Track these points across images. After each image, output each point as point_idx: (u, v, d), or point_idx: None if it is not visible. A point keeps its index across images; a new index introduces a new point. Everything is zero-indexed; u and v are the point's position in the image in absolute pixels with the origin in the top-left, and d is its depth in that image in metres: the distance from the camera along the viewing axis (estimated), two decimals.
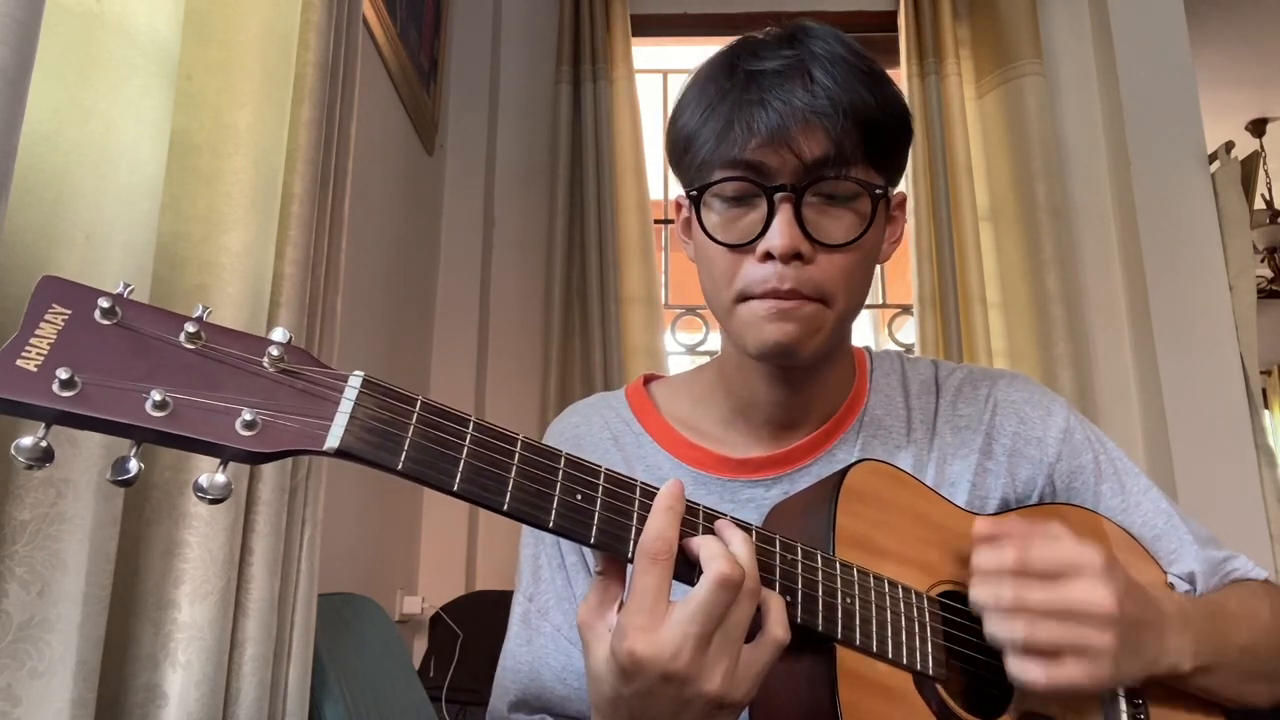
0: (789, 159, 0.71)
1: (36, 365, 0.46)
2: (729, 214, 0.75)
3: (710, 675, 0.56)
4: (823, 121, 0.71)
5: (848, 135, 0.72)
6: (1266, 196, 4.22)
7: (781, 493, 0.81)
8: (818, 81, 0.72)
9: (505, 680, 0.83)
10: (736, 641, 0.58)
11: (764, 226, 0.72)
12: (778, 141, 0.71)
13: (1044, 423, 0.86)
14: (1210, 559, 0.83)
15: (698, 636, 0.55)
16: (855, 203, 0.74)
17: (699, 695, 0.56)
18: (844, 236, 0.73)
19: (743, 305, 0.75)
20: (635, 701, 0.57)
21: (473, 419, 0.56)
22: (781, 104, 0.71)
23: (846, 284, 0.75)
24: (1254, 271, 2.52)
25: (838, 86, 0.72)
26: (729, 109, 0.73)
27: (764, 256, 0.72)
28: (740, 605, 0.57)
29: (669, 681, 0.56)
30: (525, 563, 0.87)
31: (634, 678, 0.56)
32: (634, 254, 2.49)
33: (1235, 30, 3.43)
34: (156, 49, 0.84)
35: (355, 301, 1.75)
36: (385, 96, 2.05)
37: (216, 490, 0.49)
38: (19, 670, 0.68)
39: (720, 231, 0.75)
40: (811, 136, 0.71)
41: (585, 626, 0.60)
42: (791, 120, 0.71)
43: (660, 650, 0.55)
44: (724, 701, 0.57)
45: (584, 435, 0.88)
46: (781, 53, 0.74)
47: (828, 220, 0.73)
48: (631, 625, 0.56)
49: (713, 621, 0.56)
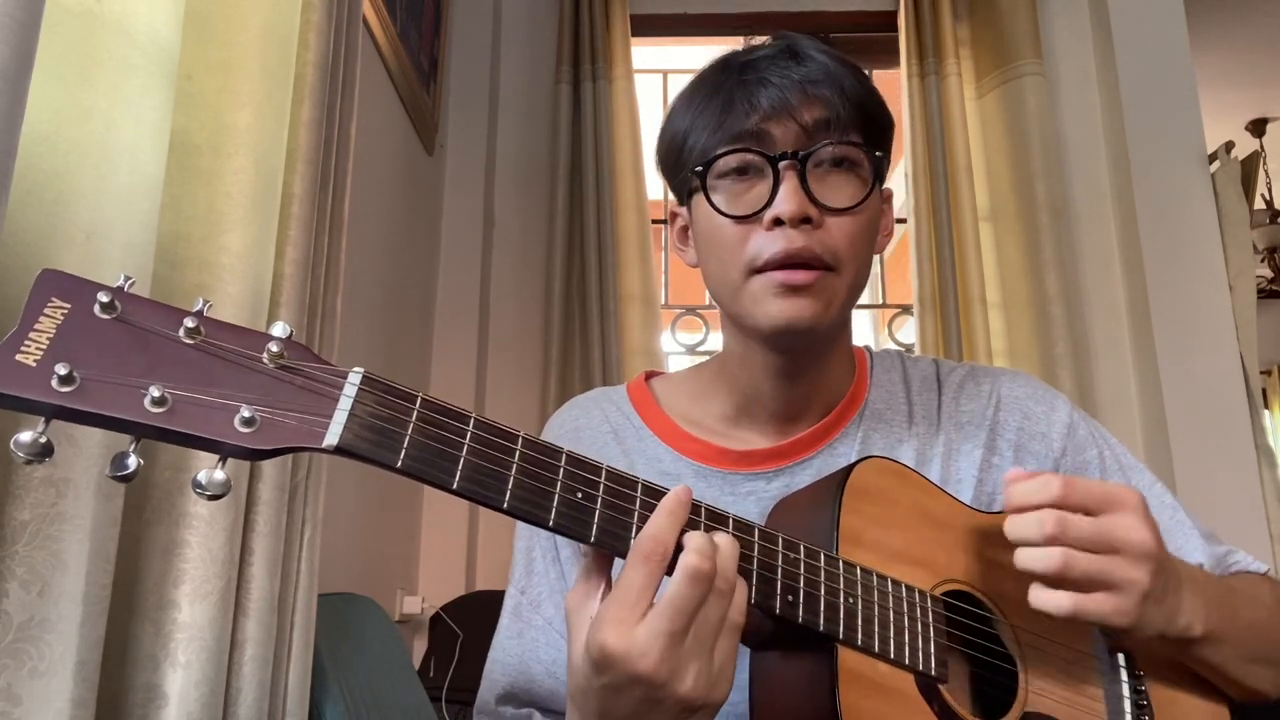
0: (791, 127, 0.75)
1: (35, 360, 0.46)
2: (735, 188, 0.77)
3: (682, 677, 0.55)
4: (820, 90, 0.75)
5: (843, 102, 0.76)
6: (1266, 196, 4.22)
7: (783, 485, 0.81)
8: (810, 58, 0.77)
9: (494, 672, 0.83)
10: (707, 642, 0.57)
11: (771, 195, 0.74)
12: (779, 112, 0.75)
13: (1048, 418, 0.86)
14: (1214, 553, 0.84)
15: (668, 634, 0.55)
16: (856, 169, 0.77)
17: (670, 697, 0.55)
18: (849, 200, 0.75)
19: (754, 279, 0.76)
20: (604, 695, 0.57)
21: (473, 416, 0.55)
22: (779, 78, 0.76)
23: (853, 250, 0.76)
24: (1254, 271, 2.52)
25: (828, 61, 0.77)
26: (729, 90, 0.77)
27: (772, 224, 0.74)
28: (711, 604, 0.57)
29: (637, 682, 0.55)
30: (519, 555, 0.87)
31: (604, 671, 0.56)
32: (632, 253, 2.49)
33: (1235, 30, 3.43)
34: (156, 49, 0.84)
35: (355, 301, 1.75)
36: (385, 96, 2.05)
37: (215, 487, 0.49)
38: (19, 670, 0.68)
39: (727, 206, 0.76)
40: (810, 105, 0.75)
41: (572, 610, 0.60)
42: (790, 91, 0.75)
43: (630, 648, 0.54)
44: (696, 703, 0.56)
45: (583, 429, 0.88)
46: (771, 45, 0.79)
47: (831, 185, 0.75)
48: (610, 617, 0.55)
49: (682, 618, 0.55)
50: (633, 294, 2.46)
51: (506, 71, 2.74)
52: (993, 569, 0.74)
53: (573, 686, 0.60)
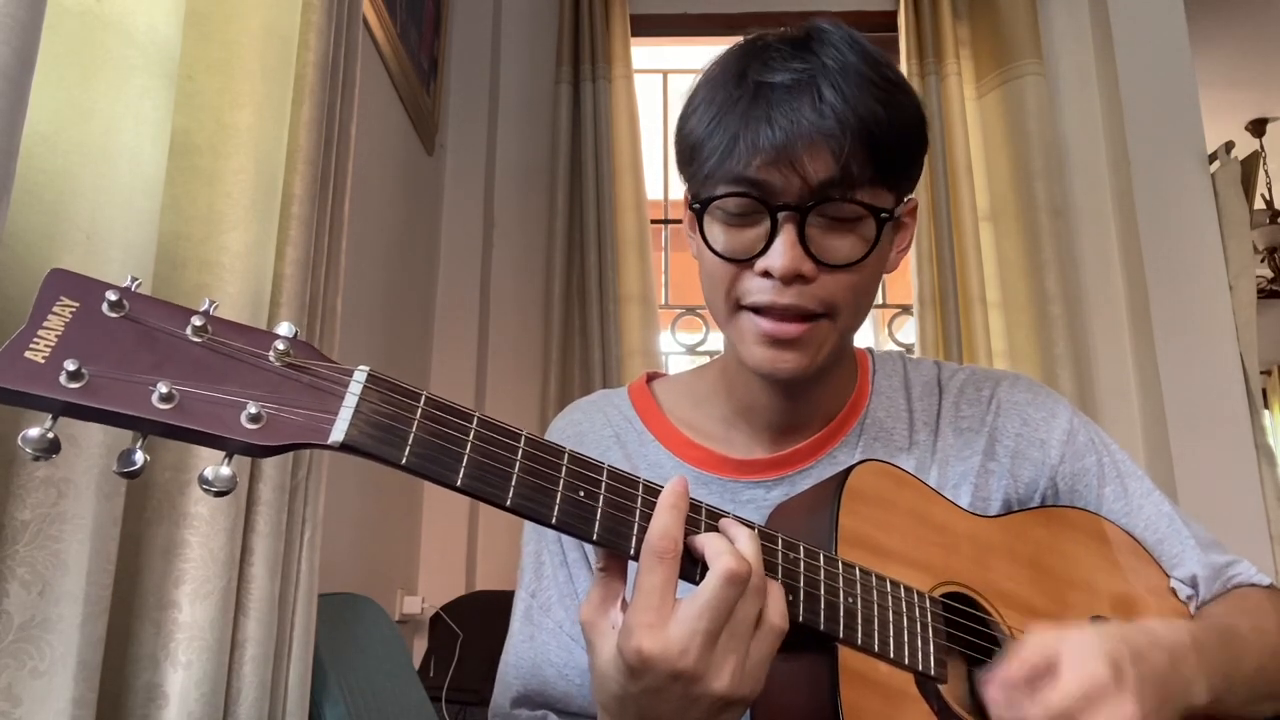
0: (793, 179, 0.70)
1: (44, 357, 0.46)
2: (732, 226, 0.74)
3: (719, 672, 0.56)
4: (829, 143, 0.69)
5: (855, 156, 0.70)
6: (1266, 196, 4.22)
7: (783, 494, 0.81)
8: (826, 100, 0.70)
9: (508, 676, 0.83)
10: (744, 638, 0.57)
11: (765, 244, 0.71)
12: (782, 161, 0.69)
13: (1047, 425, 0.85)
14: (1213, 563, 0.82)
15: (706, 633, 0.55)
16: (860, 225, 0.73)
17: (707, 693, 0.56)
18: (847, 258, 0.72)
19: (741, 315, 0.75)
20: (644, 699, 0.57)
21: (477, 414, 0.56)
22: (788, 122, 0.69)
23: (850, 299, 0.74)
24: (1254, 271, 2.52)
25: (847, 106, 0.70)
26: (736, 122, 0.71)
27: (764, 274, 0.72)
28: (747, 601, 0.57)
29: (677, 679, 0.55)
30: (527, 559, 0.87)
31: (642, 676, 0.56)
32: (632, 253, 2.49)
33: (1235, 30, 3.43)
34: (157, 49, 0.84)
35: (355, 301, 1.75)
36: (385, 96, 2.05)
37: (222, 483, 0.49)
38: (20, 670, 0.68)
39: (722, 244, 0.74)
40: (817, 157, 0.69)
41: (589, 625, 0.60)
42: (797, 140, 0.69)
43: (668, 648, 0.55)
44: (731, 698, 0.57)
45: (586, 433, 0.88)
46: (792, 65, 0.72)
47: (831, 241, 0.72)
48: (639, 623, 0.55)
49: (720, 618, 0.56)
50: (632, 294, 2.46)
51: (506, 71, 2.74)
52: (990, 571, 0.74)
53: (606, 696, 0.60)
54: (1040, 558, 0.78)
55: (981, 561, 0.75)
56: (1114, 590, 0.78)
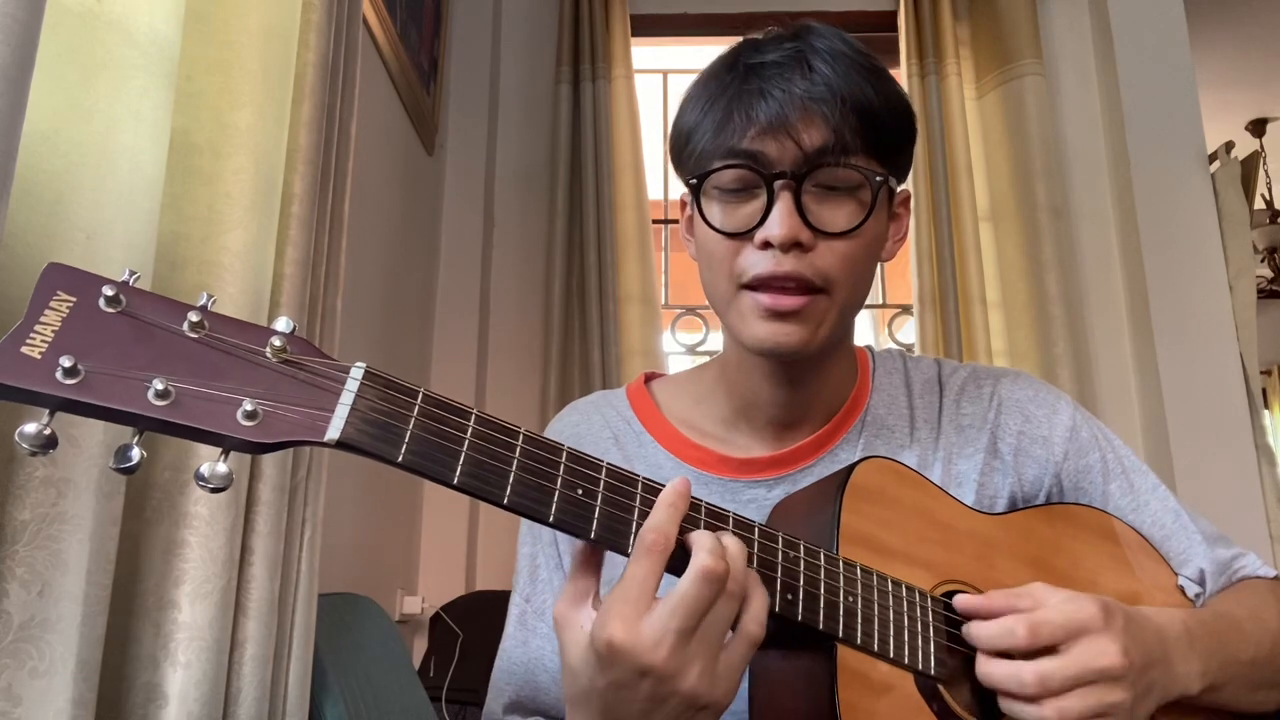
0: (789, 147, 0.72)
1: (40, 352, 0.46)
2: (729, 203, 0.75)
3: (686, 673, 0.55)
4: (822, 109, 0.71)
5: (847, 123, 0.72)
6: (1266, 196, 4.22)
7: (784, 493, 0.81)
8: (816, 70, 0.72)
9: (501, 681, 0.83)
10: (714, 641, 0.56)
11: (764, 215, 0.72)
12: (777, 129, 0.71)
13: (1049, 421, 0.85)
14: (1219, 558, 0.82)
15: (678, 631, 0.54)
16: (857, 191, 0.74)
17: (674, 693, 0.55)
18: (844, 224, 0.73)
19: (742, 295, 0.75)
20: (609, 694, 0.56)
21: (474, 412, 0.55)
22: (781, 92, 0.72)
23: (848, 272, 0.74)
24: (1254, 271, 2.52)
25: (837, 76, 0.72)
26: (729, 100, 0.74)
27: (763, 245, 0.72)
28: (723, 603, 0.57)
29: (645, 675, 0.55)
30: (523, 563, 0.86)
31: (610, 667, 0.55)
32: (632, 253, 2.49)
33: (1235, 30, 3.43)
34: (156, 49, 0.84)
35: (355, 301, 1.75)
36: (385, 96, 2.05)
37: (218, 480, 0.49)
38: (19, 670, 0.68)
39: (720, 220, 0.75)
40: (811, 124, 0.71)
41: (561, 618, 0.59)
42: (790, 108, 0.71)
43: (639, 640, 0.54)
44: (699, 701, 0.56)
45: (584, 434, 0.88)
46: (782, 46, 0.75)
47: (828, 208, 0.73)
48: (614, 613, 0.55)
49: (693, 617, 0.55)
50: (632, 294, 2.46)
51: (506, 71, 2.74)
52: (993, 570, 0.74)
53: (574, 691, 0.59)
54: (1045, 556, 0.77)
55: (985, 559, 0.74)
56: (1120, 588, 0.78)
